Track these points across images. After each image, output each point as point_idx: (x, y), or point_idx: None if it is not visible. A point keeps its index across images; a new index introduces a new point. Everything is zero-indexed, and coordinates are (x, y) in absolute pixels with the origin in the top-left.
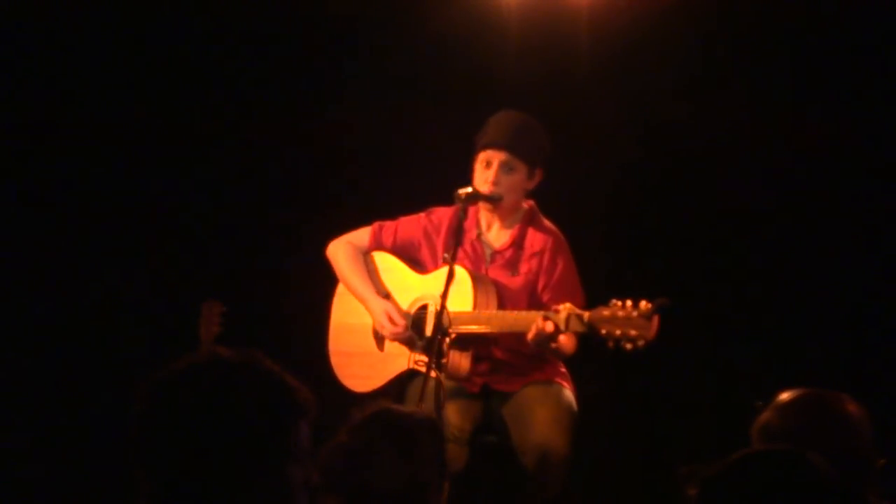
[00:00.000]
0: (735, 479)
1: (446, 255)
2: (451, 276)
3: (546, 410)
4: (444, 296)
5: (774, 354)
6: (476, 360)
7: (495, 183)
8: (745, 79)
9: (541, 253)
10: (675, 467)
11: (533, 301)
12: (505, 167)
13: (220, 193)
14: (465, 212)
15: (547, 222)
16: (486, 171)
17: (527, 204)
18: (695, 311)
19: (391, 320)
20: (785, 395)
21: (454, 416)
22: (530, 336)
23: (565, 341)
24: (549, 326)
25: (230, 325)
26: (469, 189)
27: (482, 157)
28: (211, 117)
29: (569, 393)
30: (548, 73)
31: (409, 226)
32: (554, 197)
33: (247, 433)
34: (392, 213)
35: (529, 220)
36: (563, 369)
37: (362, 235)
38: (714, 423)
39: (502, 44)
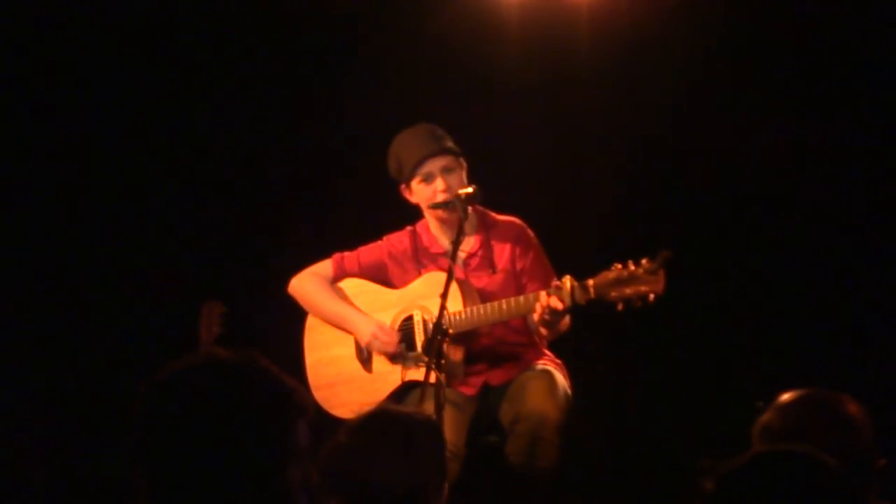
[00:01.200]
0: (751, 476)
1: (445, 255)
2: (451, 276)
3: (539, 384)
4: (445, 295)
5: (774, 354)
6: (472, 360)
7: (447, 189)
8: (745, 77)
9: (513, 242)
10: (693, 462)
11: (518, 290)
12: (446, 170)
13: (220, 193)
14: (465, 213)
15: (500, 215)
16: (432, 183)
17: (472, 209)
18: (695, 311)
19: (384, 332)
20: (786, 396)
21: (447, 431)
22: (537, 316)
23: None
24: (556, 302)
25: (230, 325)
26: (469, 190)
27: (419, 176)
28: (210, 117)
29: (562, 378)
30: (548, 73)
31: (372, 251)
32: (554, 195)
33: (245, 434)
34: (393, 211)
35: (485, 221)
36: (558, 360)
37: (324, 267)
38: (714, 424)
39: (502, 44)
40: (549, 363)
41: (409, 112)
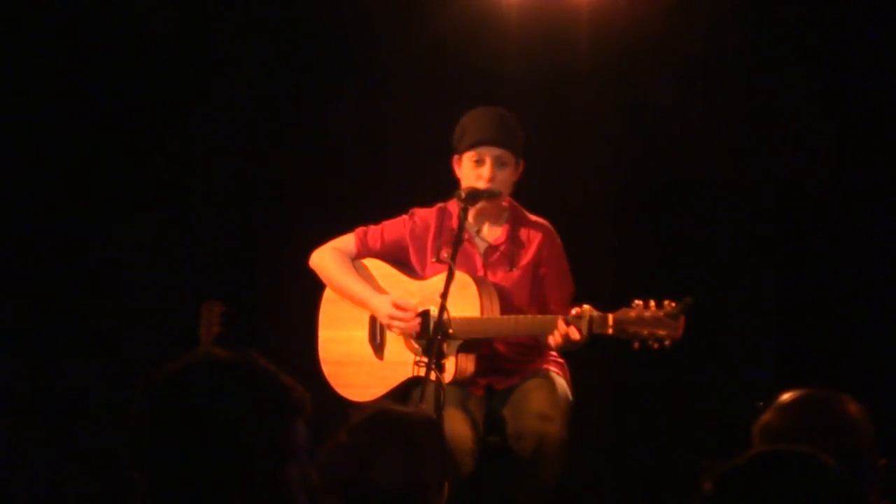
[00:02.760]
0: (750, 476)
1: (444, 255)
2: (451, 276)
3: (542, 396)
4: (444, 296)
5: (775, 354)
6: (479, 363)
7: (491, 179)
8: (746, 77)
9: (539, 244)
10: (692, 461)
11: (534, 292)
12: (498, 162)
13: (219, 193)
14: (466, 211)
15: (532, 215)
16: (480, 168)
17: (506, 202)
18: (695, 311)
19: (400, 308)
20: (786, 396)
21: (468, 426)
22: (554, 343)
23: None
24: (575, 333)
25: (230, 325)
26: (471, 186)
27: (471, 155)
28: (210, 116)
29: (563, 382)
30: (548, 73)
31: (395, 228)
32: (554, 196)
33: (242, 433)
34: (393, 212)
35: (517, 216)
36: (560, 359)
37: (347, 242)
38: (714, 424)
39: (502, 44)
40: (551, 365)
41: (409, 112)
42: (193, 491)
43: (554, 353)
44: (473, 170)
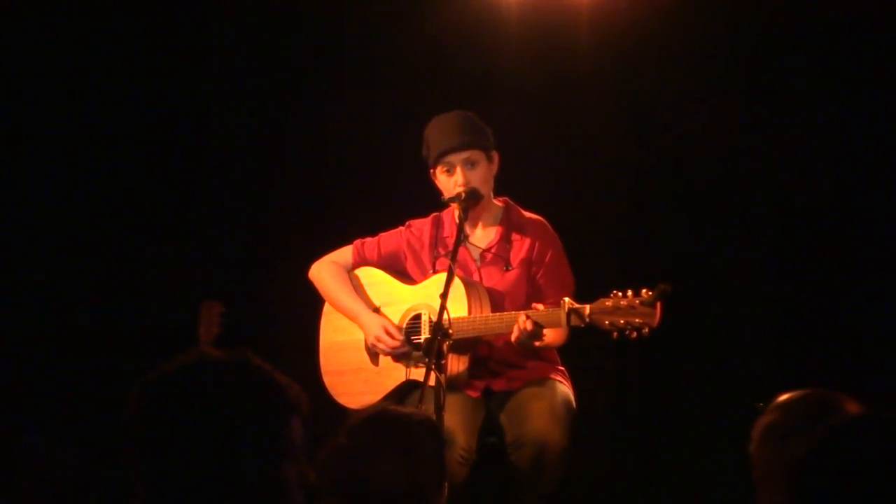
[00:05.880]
0: (855, 440)
1: (444, 256)
2: (451, 276)
3: (542, 404)
4: (445, 296)
5: (774, 354)
6: (476, 364)
7: (466, 183)
8: (746, 78)
9: (533, 241)
10: (693, 462)
11: (531, 290)
12: (467, 164)
13: (220, 193)
14: (465, 212)
15: (528, 213)
16: (452, 176)
17: (500, 201)
18: (695, 311)
19: (389, 335)
20: (786, 396)
21: (461, 435)
22: (513, 338)
23: (552, 337)
24: (529, 324)
25: (230, 325)
26: (472, 187)
27: (441, 167)
28: (211, 117)
29: (566, 389)
30: (548, 74)
31: (392, 239)
32: (554, 195)
33: (238, 432)
34: (393, 210)
35: (511, 215)
36: (562, 367)
37: (344, 254)
38: (714, 423)
39: (502, 44)
40: (552, 373)
41: (410, 112)
42: (191, 490)
43: (557, 361)
44: (448, 179)
